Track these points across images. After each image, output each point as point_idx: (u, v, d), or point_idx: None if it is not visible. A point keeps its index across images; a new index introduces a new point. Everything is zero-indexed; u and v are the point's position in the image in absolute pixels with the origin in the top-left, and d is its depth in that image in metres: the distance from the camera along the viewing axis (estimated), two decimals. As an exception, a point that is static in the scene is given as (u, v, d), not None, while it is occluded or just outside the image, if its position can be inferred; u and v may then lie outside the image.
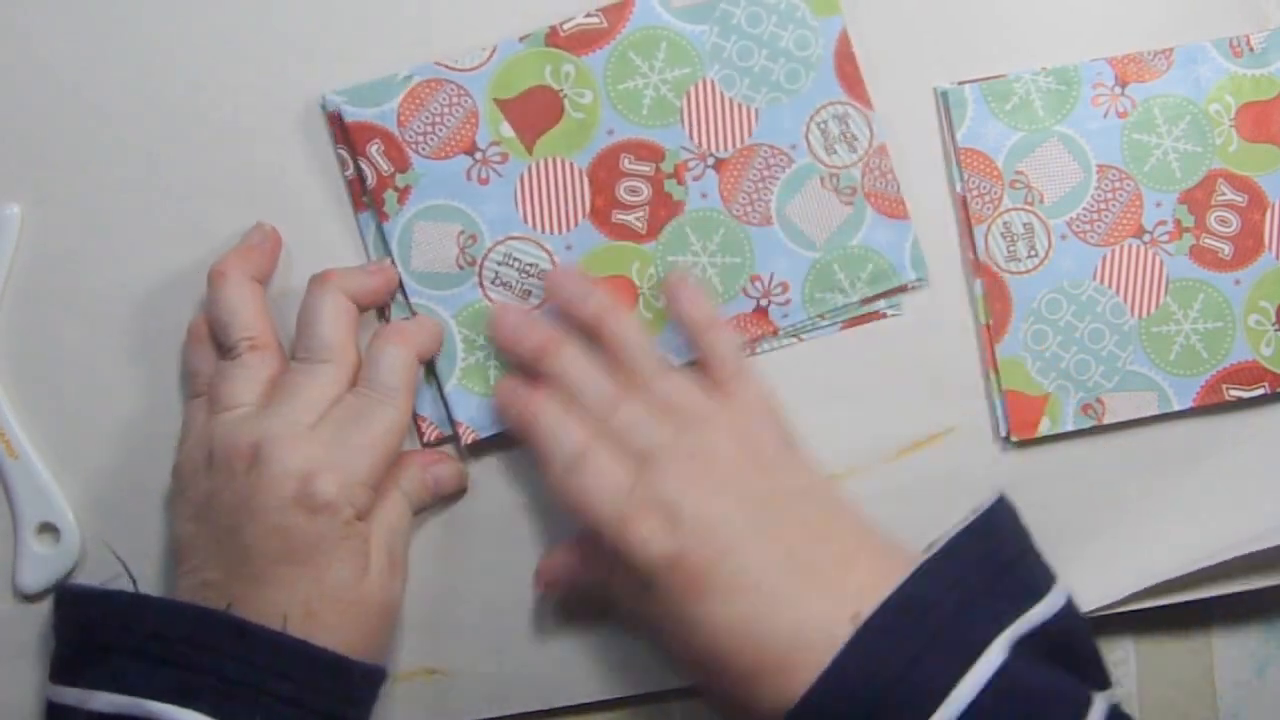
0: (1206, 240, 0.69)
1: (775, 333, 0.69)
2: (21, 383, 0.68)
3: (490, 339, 0.67)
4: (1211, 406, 0.70)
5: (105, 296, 0.68)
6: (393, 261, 0.67)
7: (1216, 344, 0.69)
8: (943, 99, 0.70)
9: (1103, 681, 0.60)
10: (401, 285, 0.67)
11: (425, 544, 0.68)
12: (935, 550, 0.58)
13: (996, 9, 0.70)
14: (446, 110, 0.67)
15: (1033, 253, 0.69)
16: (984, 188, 0.69)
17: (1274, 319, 0.69)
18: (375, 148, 0.67)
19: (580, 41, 0.68)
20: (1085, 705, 0.55)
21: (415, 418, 0.68)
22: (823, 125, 0.69)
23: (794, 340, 0.69)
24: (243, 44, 0.68)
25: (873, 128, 0.69)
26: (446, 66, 0.67)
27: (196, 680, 0.57)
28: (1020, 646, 0.56)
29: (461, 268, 0.67)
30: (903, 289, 0.69)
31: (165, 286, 0.68)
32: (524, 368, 0.66)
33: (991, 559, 0.59)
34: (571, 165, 0.68)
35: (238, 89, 0.68)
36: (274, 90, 0.68)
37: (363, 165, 0.67)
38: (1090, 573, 0.68)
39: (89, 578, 0.67)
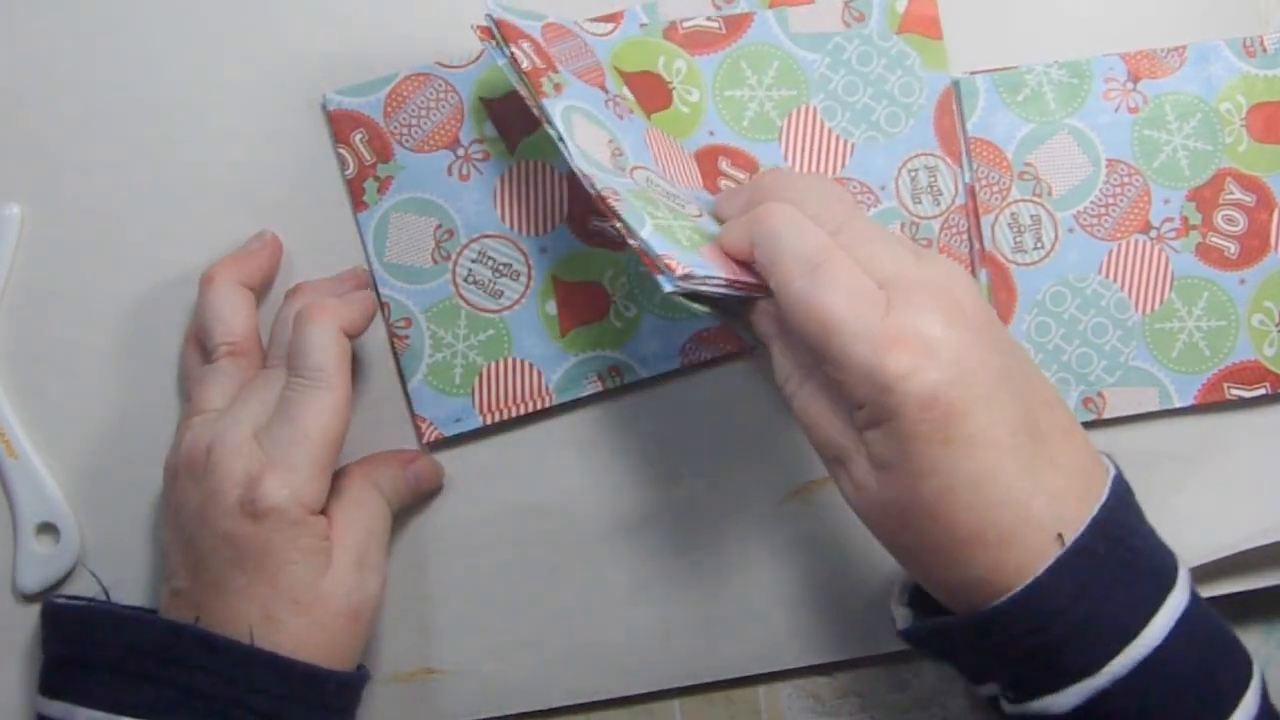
0: (1213, 239, 0.69)
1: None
2: (21, 383, 0.67)
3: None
4: (1212, 405, 0.70)
5: (105, 296, 0.67)
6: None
7: (1219, 342, 0.69)
8: (954, 88, 0.69)
9: None
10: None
11: (425, 544, 0.68)
12: (1113, 478, 0.55)
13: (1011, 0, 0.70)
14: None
15: (1039, 244, 0.69)
16: (993, 178, 0.69)
17: (1278, 320, 0.69)
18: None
19: (697, 41, 0.67)
20: (1251, 663, 0.55)
21: (414, 418, 0.68)
22: (913, 173, 0.68)
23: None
24: (244, 44, 0.67)
25: (959, 185, 0.69)
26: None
27: (172, 696, 0.57)
28: (1194, 589, 0.55)
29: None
30: None
31: (165, 287, 0.67)
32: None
33: (1139, 505, 0.57)
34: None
35: (238, 89, 0.67)
36: (275, 90, 0.67)
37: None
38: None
39: (88, 579, 0.67)
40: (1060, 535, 0.52)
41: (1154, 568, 0.54)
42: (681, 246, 0.57)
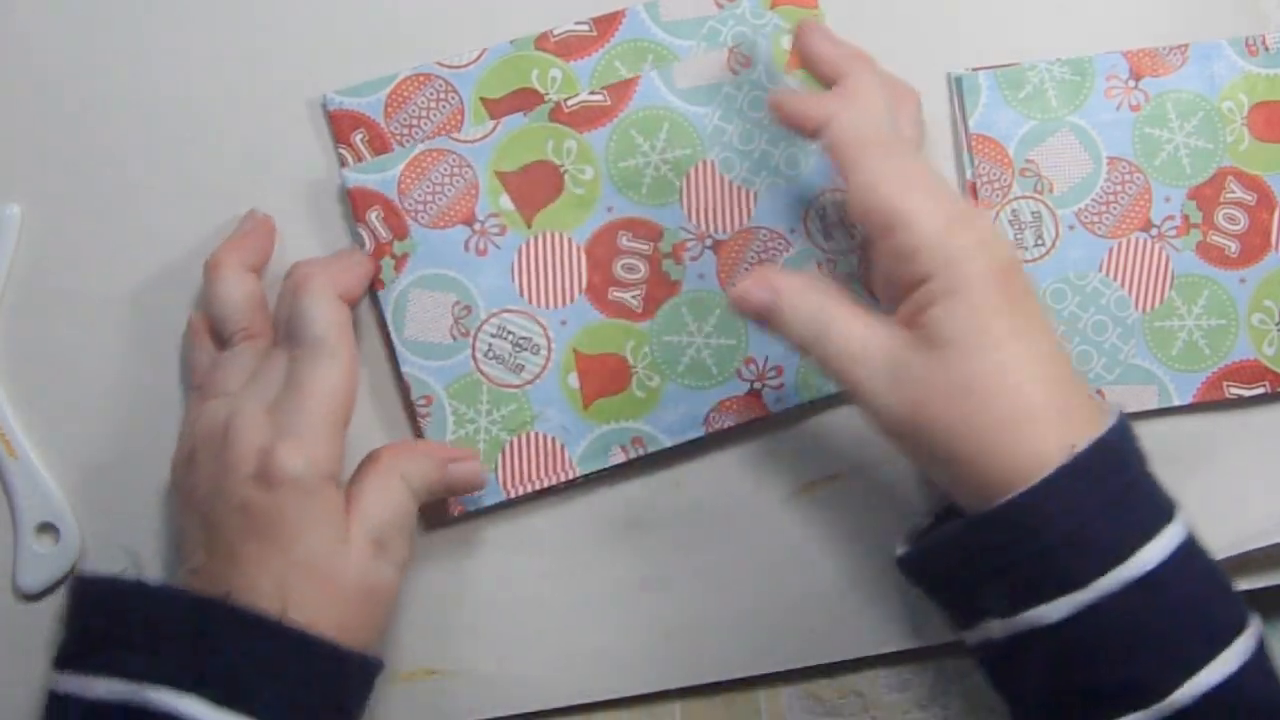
0: (1214, 237, 0.69)
1: (767, 416, 0.68)
2: (21, 383, 0.67)
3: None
4: (1212, 404, 0.70)
5: (105, 296, 0.67)
6: (386, 330, 0.67)
7: (1219, 341, 0.69)
8: (956, 85, 0.69)
9: None
10: (394, 352, 0.66)
11: (424, 545, 0.68)
12: (1119, 416, 0.57)
13: (1013, -4, 0.70)
14: (447, 180, 0.66)
15: (1040, 242, 0.69)
16: (994, 175, 0.69)
17: (1277, 319, 0.69)
18: (375, 214, 0.66)
19: (583, 118, 0.67)
20: (1247, 617, 0.56)
21: None
22: (821, 211, 0.68)
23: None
24: (243, 44, 0.67)
25: None
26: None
27: (195, 667, 0.55)
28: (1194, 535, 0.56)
29: (455, 338, 0.66)
30: None
31: (164, 286, 0.67)
32: None
33: (1142, 452, 0.59)
34: (570, 240, 0.67)
35: (238, 89, 0.67)
36: (275, 90, 0.67)
37: (361, 231, 0.66)
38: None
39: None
40: (1073, 445, 0.54)
41: (1152, 503, 0.56)
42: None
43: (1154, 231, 0.69)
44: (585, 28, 0.67)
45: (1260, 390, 0.69)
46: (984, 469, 0.55)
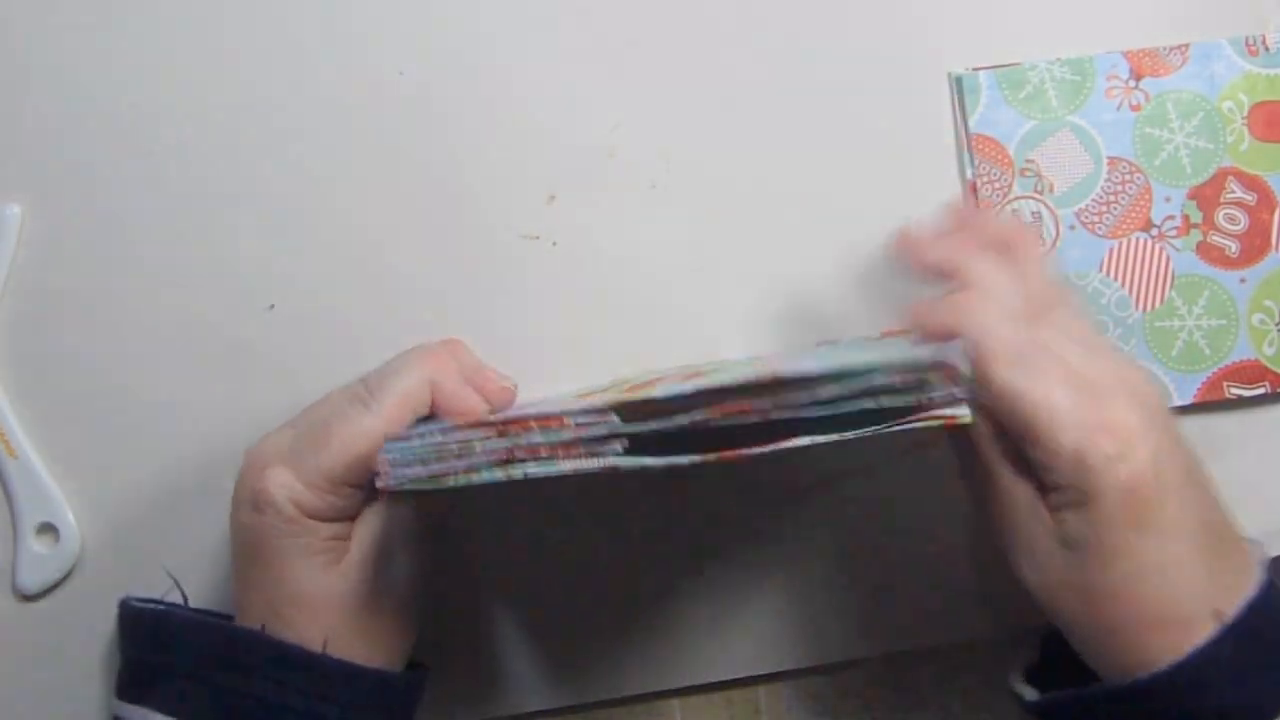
0: (1214, 237, 0.69)
1: None
2: (21, 383, 0.67)
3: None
4: (1212, 404, 0.70)
5: (105, 296, 0.67)
6: None
7: (1219, 341, 0.69)
8: (956, 84, 0.69)
9: None
10: None
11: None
12: (1263, 562, 0.58)
13: (1014, -4, 0.70)
14: None
15: (1040, 242, 0.69)
16: (994, 175, 0.69)
17: (1278, 319, 0.69)
18: None
19: None
20: None
21: None
22: None
23: (798, 335, 0.69)
24: (242, 46, 0.67)
25: None
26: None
27: (240, 705, 0.56)
28: None
29: None
30: None
31: (165, 286, 0.67)
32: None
33: None
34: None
35: (237, 89, 0.67)
36: (274, 91, 0.67)
37: None
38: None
39: (87, 579, 0.67)
40: (1217, 610, 0.54)
41: None
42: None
43: (1154, 231, 0.69)
44: None
45: (1260, 390, 0.69)
46: (1110, 658, 0.56)
